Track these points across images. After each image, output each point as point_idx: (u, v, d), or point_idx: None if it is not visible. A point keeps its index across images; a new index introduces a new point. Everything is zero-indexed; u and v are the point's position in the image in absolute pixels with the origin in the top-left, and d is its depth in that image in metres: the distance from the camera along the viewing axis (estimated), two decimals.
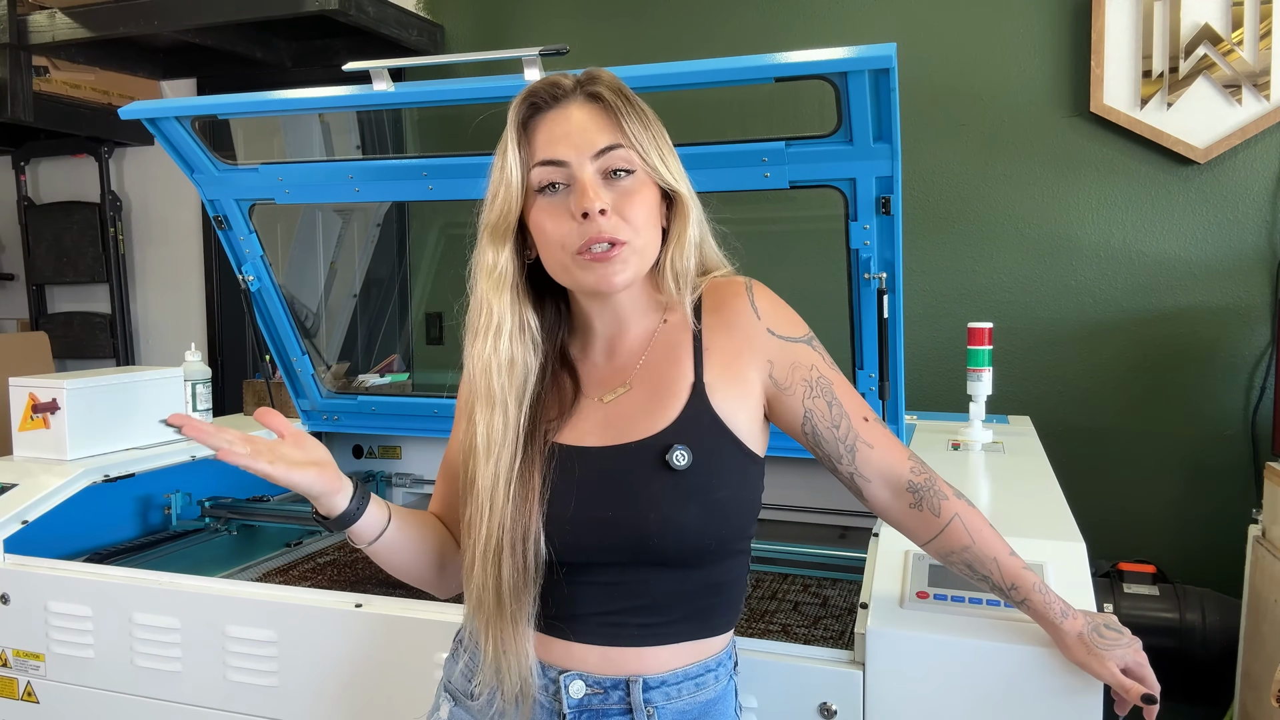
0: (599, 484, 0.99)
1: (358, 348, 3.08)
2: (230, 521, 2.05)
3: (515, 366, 1.02)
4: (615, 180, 0.98)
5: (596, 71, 1.02)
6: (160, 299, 3.76)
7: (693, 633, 1.02)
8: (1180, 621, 1.95)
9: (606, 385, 1.05)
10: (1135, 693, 1.03)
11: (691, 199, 1.03)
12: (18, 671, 1.64)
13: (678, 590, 1.00)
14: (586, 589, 1.00)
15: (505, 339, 1.01)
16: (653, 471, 0.98)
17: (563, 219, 0.97)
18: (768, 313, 1.06)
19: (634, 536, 0.97)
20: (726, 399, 1.02)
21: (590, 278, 0.98)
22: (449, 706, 1.09)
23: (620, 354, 1.06)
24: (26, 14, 3.02)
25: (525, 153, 0.99)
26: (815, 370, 1.05)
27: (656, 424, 1.00)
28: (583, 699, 1.00)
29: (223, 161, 1.91)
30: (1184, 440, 2.45)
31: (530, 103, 1.01)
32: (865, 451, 1.06)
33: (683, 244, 1.02)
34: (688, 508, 0.97)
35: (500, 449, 0.99)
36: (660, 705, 1.00)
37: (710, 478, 0.99)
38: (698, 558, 0.99)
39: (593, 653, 1.00)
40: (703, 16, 2.80)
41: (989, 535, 1.09)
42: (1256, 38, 2.32)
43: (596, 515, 0.98)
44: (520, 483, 0.99)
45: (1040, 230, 2.55)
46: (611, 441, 1.01)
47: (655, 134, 1.00)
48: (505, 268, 1.01)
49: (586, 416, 1.03)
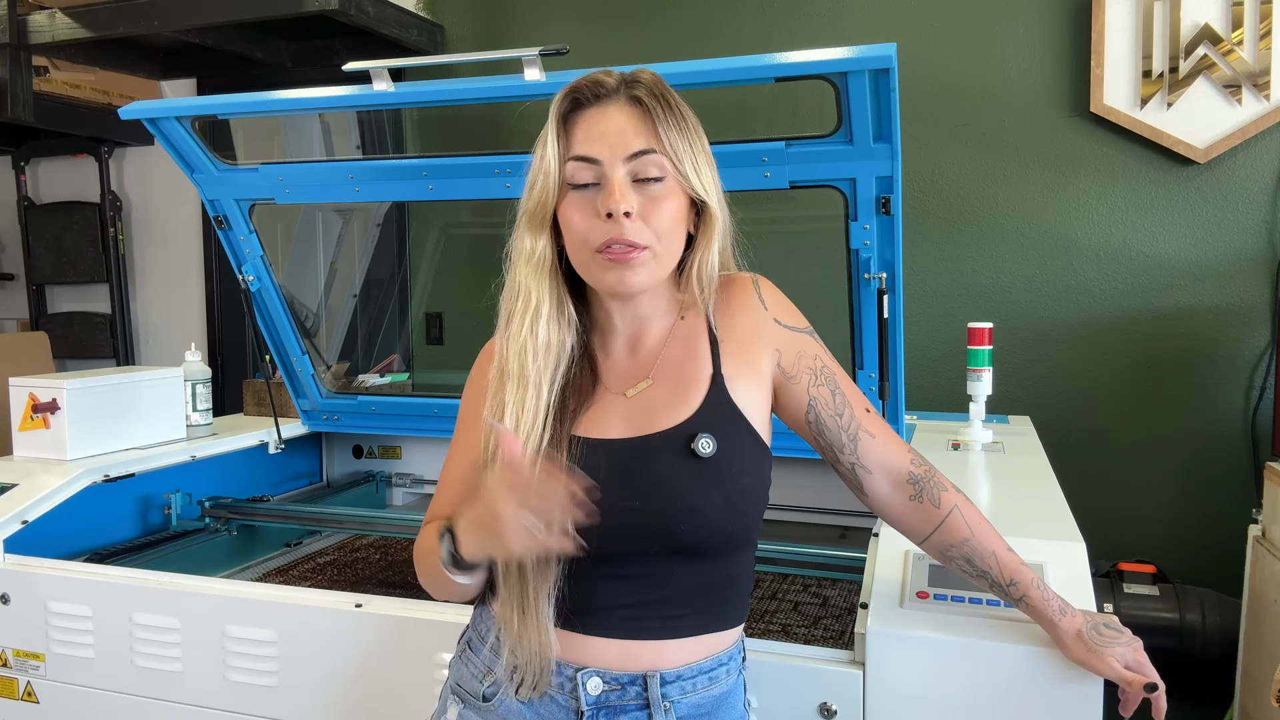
0: (625, 474, 1.00)
1: (358, 348, 3.08)
2: (230, 521, 2.05)
3: (551, 348, 1.03)
4: (645, 185, 0.99)
5: (640, 73, 1.03)
6: (160, 299, 3.76)
7: (707, 625, 1.03)
8: (1180, 621, 1.95)
9: (629, 380, 1.06)
10: (1138, 684, 1.03)
11: (720, 210, 1.04)
12: (18, 671, 1.64)
13: (698, 582, 1.01)
14: (611, 581, 1.00)
15: (543, 321, 1.03)
16: (679, 460, 0.99)
17: (589, 215, 0.99)
18: (774, 304, 1.09)
19: (661, 524, 0.98)
20: (743, 389, 1.04)
21: (609, 278, 1.00)
22: (457, 709, 1.08)
23: (642, 350, 1.08)
24: (26, 14, 3.02)
25: (563, 145, 1.01)
26: (819, 360, 1.09)
27: (680, 414, 1.02)
28: (600, 695, 1.00)
29: (223, 161, 1.91)
30: (1184, 440, 2.45)
31: (573, 97, 1.02)
32: (867, 441, 1.08)
33: (709, 253, 1.04)
34: (711, 495, 0.99)
35: (530, 429, 1.00)
36: (676, 700, 1.01)
37: (732, 465, 1.00)
38: (718, 547, 1.01)
39: (612, 647, 1.01)
40: (703, 16, 2.80)
41: (987, 529, 1.10)
42: (1256, 38, 2.32)
43: (624, 505, 0.98)
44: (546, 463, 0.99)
45: (1040, 230, 2.55)
46: (636, 433, 1.02)
47: (691, 141, 1.01)
48: (543, 253, 1.03)
49: (609, 410, 1.04)
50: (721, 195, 1.05)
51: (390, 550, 2.10)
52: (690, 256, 1.05)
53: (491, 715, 1.04)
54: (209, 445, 2.10)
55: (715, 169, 1.04)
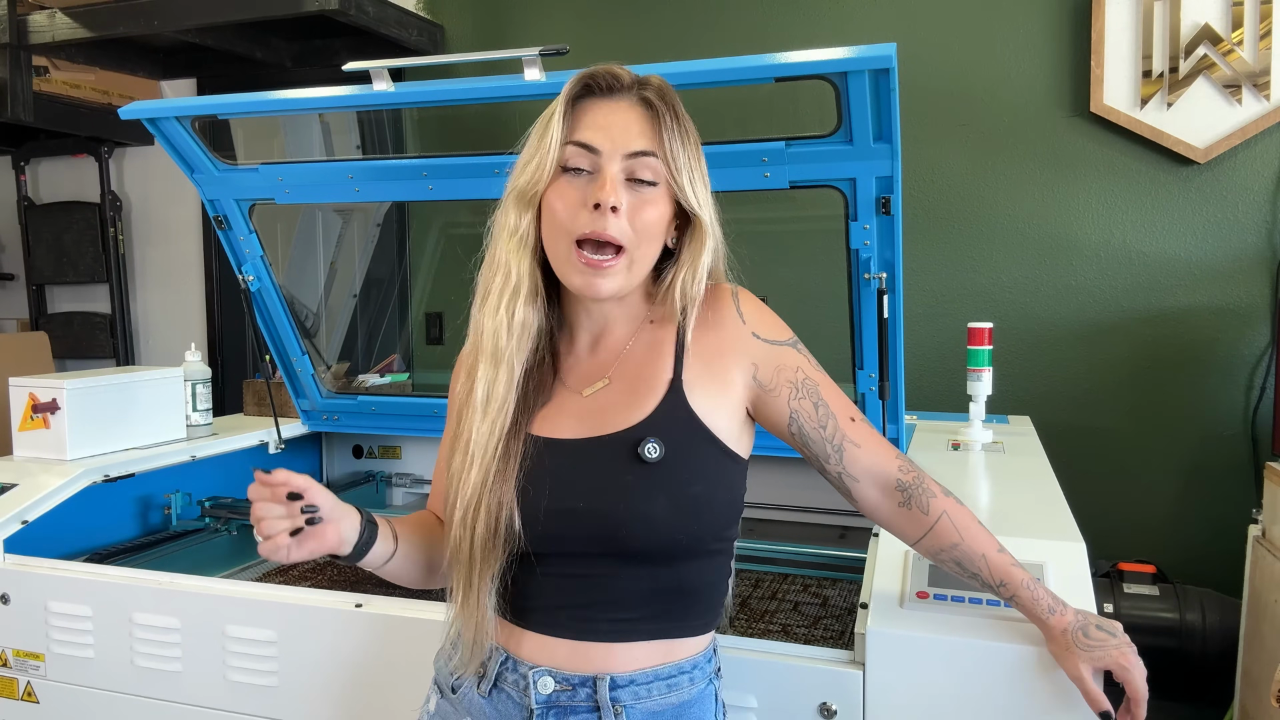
0: (571, 475, 1.00)
1: (358, 348, 3.08)
2: (230, 521, 2.05)
3: (526, 328, 1.03)
4: (637, 187, 0.99)
5: (654, 79, 1.04)
6: (160, 299, 3.76)
7: (663, 632, 1.02)
8: (1180, 621, 1.95)
9: (587, 379, 1.06)
10: (1095, 706, 1.05)
11: (712, 227, 1.04)
12: (18, 671, 1.64)
13: (647, 588, 1.01)
14: (558, 581, 1.01)
15: (521, 301, 1.03)
16: (624, 464, 0.99)
17: (574, 203, 0.99)
18: (752, 317, 1.08)
19: (603, 527, 0.98)
20: (705, 398, 1.03)
21: (579, 280, 1.00)
22: (436, 699, 1.11)
23: (603, 349, 1.08)
24: (26, 14, 3.02)
25: (566, 128, 1.00)
26: (801, 372, 1.07)
27: (631, 418, 1.01)
28: (551, 695, 1.01)
29: (223, 161, 1.91)
30: (1184, 440, 2.45)
31: (585, 84, 1.02)
32: (853, 451, 1.08)
33: (695, 269, 1.03)
34: (657, 500, 0.98)
35: (500, 408, 1.01)
36: (629, 704, 1.00)
37: (682, 471, 0.99)
38: (667, 553, 1.00)
39: (562, 646, 1.01)
40: (702, 16, 2.80)
41: (977, 532, 1.10)
42: (1256, 38, 2.32)
43: (568, 505, 0.99)
44: (508, 442, 1.01)
45: (1040, 230, 2.55)
46: (587, 434, 1.02)
47: (691, 155, 1.01)
48: (527, 231, 1.03)
49: (563, 408, 1.05)
50: (715, 214, 1.04)
51: None
52: (674, 270, 1.04)
53: (459, 706, 1.06)
54: (209, 445, 2.10)
55: (709, 184, 1.04)
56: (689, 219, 1.04)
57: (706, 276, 1.05)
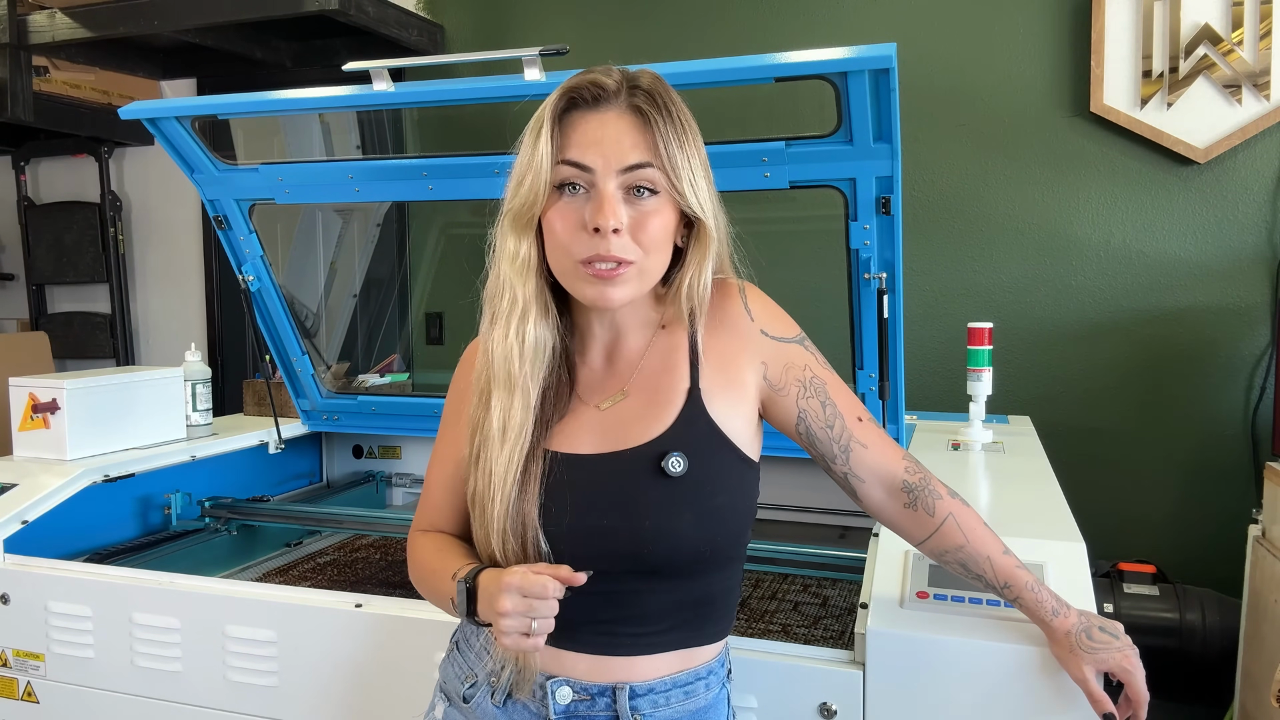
0: (594, 491, 0.98)
1: (358, 348, 3.08)
2: (230, 521, 2.05)
3: (538, 350, 1.00)
4: (637, 198, 0.95)
5: (641, 76, 0.98)
6: (160, 299, 3.76)
7: (683, 642, 1.02)
8: (1180, 621, 1.95)
9: (604, 391, 1.04)
10: (1099, 708, 1.05)
11: (714, 226, 1.00)
12: (18, 671, 1.64)
13: (672, 600, 1.00)
14: (580, 598, 0.98)
15: (530, 323, 0.99)
16: (648, 479, 0.97)
17: (574, 224, 0.95)
18: (760, 314, 1.06)
19: (628, 545, 0.96)
20: (723, 404, 1.02)
21: (590, 291, 0.96)
22: (443, 706, 1.09)
23: (618, 360, 1.05)
24: (26, 14, 3.02)
25: (555, 146, 0.96)
26: (809, 370, 1.06)
27: (652, 430, 1.00)
28: (569, 705, 1.00)
29: (223, 161, 1.91)
30: (1184, 440, 2.45)
31: (569, 98, 0.97)
32: (859, 451, 1.07)
33: (701, 271, 1.00)
34: (683, 515, 0.96)
35: (518, 436, 0.98)
36: (647, 713, 0.99)
37: (706, 484, 0.98)
38: (692, 567, 0.99)
39: (582, 660, 1.00)
40: (702, 16, 2.80)
41: (983, 534, 1.09)
42: (1256, 38, 2.32)
43: (593, 524, 0.97)
44: (527, 462, 0.99)
45: (1040, 230, 2.55)
46: (608, 449, 1.00)
47: (690, 154, 0.96)
48: (528, 255, 0.99)
49: (581, 423, 1.02)
50: (718, 207, 1.01)
51: (390, 550, 2.10)
52: (680, 273, 1.01)
53: (471, 716, 1.05)
54: (209, 445, 2.10)
55: (711, 178, 1.00)
56: (694, 220, 1.01)
57: (712, 276, 1.03)
